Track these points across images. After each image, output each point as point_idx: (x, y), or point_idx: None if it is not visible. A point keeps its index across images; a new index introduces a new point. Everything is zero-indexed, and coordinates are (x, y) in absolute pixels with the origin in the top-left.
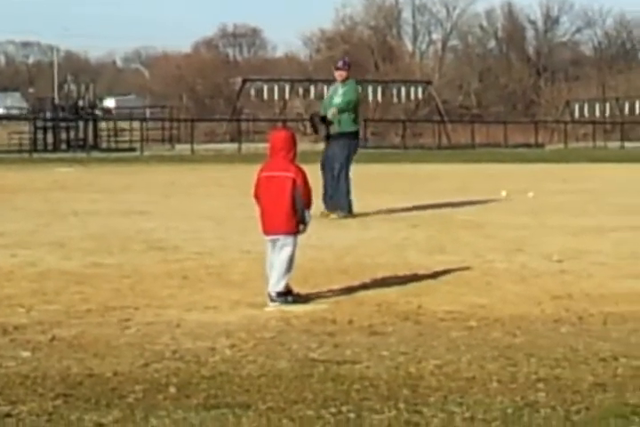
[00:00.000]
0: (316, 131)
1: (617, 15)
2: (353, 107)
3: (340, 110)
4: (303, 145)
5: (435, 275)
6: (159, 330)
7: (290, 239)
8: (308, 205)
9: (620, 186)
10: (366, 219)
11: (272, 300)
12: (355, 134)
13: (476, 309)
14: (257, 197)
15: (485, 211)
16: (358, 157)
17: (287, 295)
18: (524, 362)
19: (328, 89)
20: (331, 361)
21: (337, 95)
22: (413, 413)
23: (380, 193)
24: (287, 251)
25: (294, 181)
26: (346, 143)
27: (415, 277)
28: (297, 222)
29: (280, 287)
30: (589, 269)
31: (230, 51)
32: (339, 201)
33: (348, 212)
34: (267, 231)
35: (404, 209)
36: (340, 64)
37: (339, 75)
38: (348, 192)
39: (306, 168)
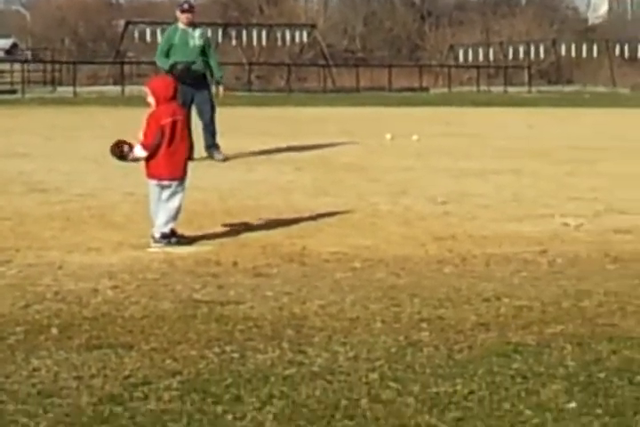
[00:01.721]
0: (183, 81)
1: None
2: None
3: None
4: None
5: (319, 217)
6: (41, 271)
7: (182, 186)
8: None
9: (502, 130)
10: (251, 161)
11: (156, 241)
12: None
13: (360, 250)
14: (152, 143)
15: (370, 154)
16: (244, 101)
17: (171, 237)
18: (408, 302)
19: (163, 32)
20: (214, 302)
21: (193, 38)
22: (297, 352)
23: (265, 136)
24: (179, 197)
25: (188, 125)
26: (209, 86)
27: (300, 220)
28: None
29: (165, 229)
30: (473, 211)
31: None
32: (214, 144)
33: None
34: (162, 177)
35: (289, 152)
36: (186, 6)
37: (186, 17)
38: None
39: None
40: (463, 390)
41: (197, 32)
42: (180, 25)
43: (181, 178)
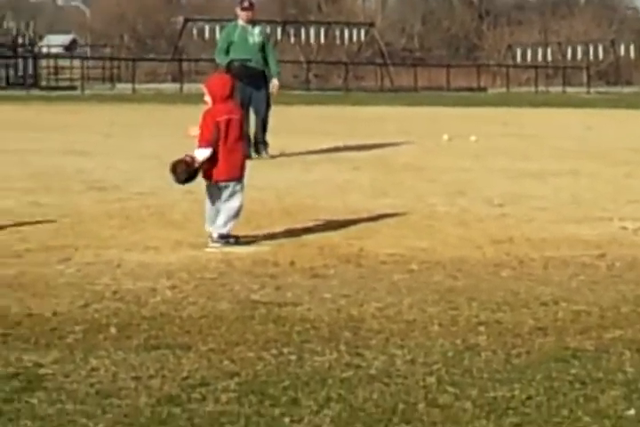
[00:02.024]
0: (240, 79)
1: None
2: None
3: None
4: None
5: (377, 218)
6: (99, 270)
7: (241, 185)
8: None
9: (561, 130)
10: (308, 160)
11: (214, 241)
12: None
13: (417, 252)
14: (211, 139)
15: (427, 154)
16: (301, 99)
17: (229, 237)
18: (465, 305)
19: (222, 29)
20: (272, 303)
21: (252, 35)
22: (355, 355)
23: (322, 135)
24: (240, 197)
25: (245, 123)
26: (267, 85)
27: (357, 220)
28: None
29: (225, 230)
30: (530, 213)
31: None
32: (264, 141)
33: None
34: (220, 177)
35: (347, 151)
36: (246, 4)
37: (246, 15)
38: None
39: None
40: (521, 396)
41: (257, 29)
42: (240, 22)
43: (239, 178)
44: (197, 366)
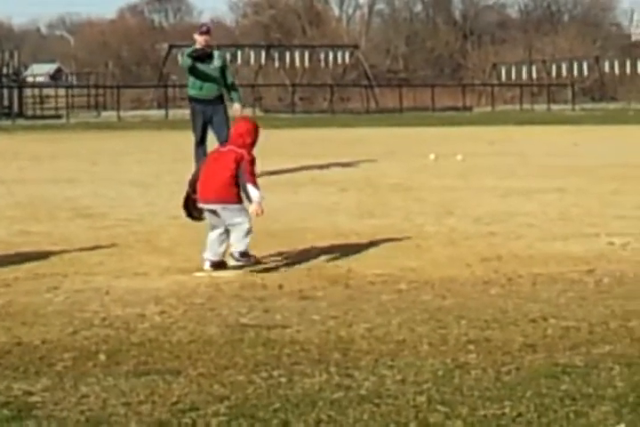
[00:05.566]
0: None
1: None
2: None
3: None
4: None
5: (364, 239)
6: (88, 297)
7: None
8: None
9: (547, 148)
10: (295, 183)
11: (236, 260)
12: None
13: (405, 272)
14: None
15: (414, 174)
16: (287, 122)
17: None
18: (454, 324)
19: (182, 55)
20: (261, 326)
21: (213, 60)
22: (345, 376)
23: (309, 157)
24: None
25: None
26: (225, 108)
27: (345, 242)
28: None
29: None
30: (518, 230)
31: (156, 16)
32: None
33: None
34: None
35: (333, 173)
36: (204, 29)
37: (204, 39)
38: None
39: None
40: (512, 413)
41: (216, 53)
42: (198, 46)
43: None
44: (187, 390)
